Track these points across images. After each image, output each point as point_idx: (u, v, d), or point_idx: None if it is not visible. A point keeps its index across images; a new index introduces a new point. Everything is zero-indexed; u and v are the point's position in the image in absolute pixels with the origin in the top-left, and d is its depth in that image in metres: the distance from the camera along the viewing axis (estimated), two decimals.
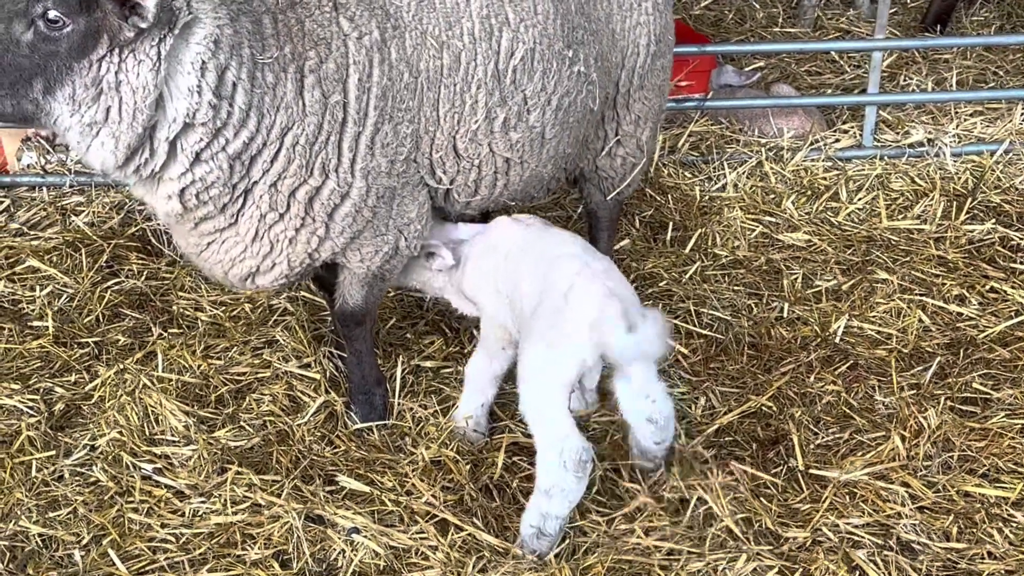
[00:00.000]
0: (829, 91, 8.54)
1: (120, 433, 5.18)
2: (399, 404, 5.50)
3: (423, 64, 4.91)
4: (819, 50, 8.78)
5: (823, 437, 5.34)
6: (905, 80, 8.58)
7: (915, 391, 5.57)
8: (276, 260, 4.95)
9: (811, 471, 5.10)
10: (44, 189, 6.96)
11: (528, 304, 4.80)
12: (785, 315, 6.18)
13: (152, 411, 5.31)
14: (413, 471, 5.05)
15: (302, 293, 6.13)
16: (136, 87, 4.30)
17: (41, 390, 5.52)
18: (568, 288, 4.61)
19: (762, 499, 4.93)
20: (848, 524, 4.81)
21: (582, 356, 4.54)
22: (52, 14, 4.17)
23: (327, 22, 4.73)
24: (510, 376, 5.14)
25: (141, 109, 4.33)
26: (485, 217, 5.75)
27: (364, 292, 5.24)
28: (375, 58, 4.78)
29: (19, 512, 4.82)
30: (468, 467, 5.11)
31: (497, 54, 5.06)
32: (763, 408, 5.48)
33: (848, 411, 5.48)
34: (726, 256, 6.70)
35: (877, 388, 5.63)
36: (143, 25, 4.23)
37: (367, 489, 4.93)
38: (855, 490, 4.99)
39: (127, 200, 6.87)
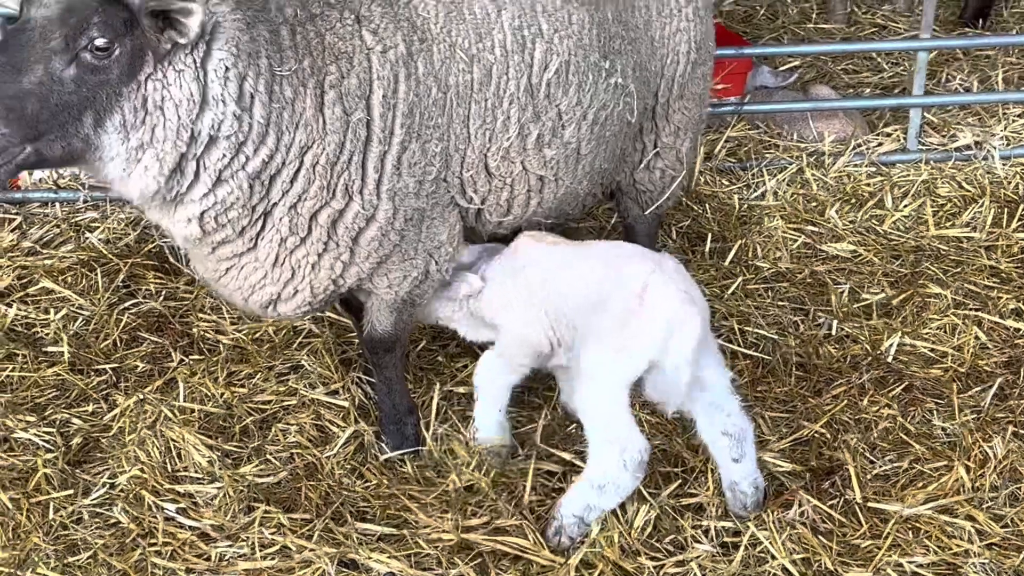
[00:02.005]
0: (867, 90, 8.24)
1: (141, 470, 4.91)
2: (432, 432, 5.23)
3: (452, 79, 4.65)
4: (863, 51, 8.50)
5: (880, 466, 5.07)
6: (947, 78, 8.28)
7: (976, 415, 5.28)
8: (298, 287, 4.69)
9: (869, 504, 4.82)
10: (57, 205, 6.70)
11: (584, 311, 4.74)
12: (833, 332, 5.89)
13: (174, 445, 5.04)
14: (446, 506, 4.80)
15: (327, 314, 5.86)
16: (180, 100, 4.09)
17: (57, 422, 5.27)
18: (642, 288, 4.56)
19: (820, 535, 4.66)
20: (912, 563, 4.54)
21: (654, 356, 4.53)
22: (100, 41, 3.96)
23: (349, 35, 4.47)
24: None
25: (185, 125, 4.12)
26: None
27: (393, 318, 4.98)
28: (401, 73, 4.52)
29: (36, 559, 4.56)
30: (504, 492, 4.88)
31: (530, 67, 4.81)
32: (815, 435, 5.20)
33: (905, 437, 5.20)
34: (768, 268, 6.42)
35: (935, 412, 5.35)
36: (181, 41, 4.03)
37: (401, 532, 4.66)
38: (918, 525, 4.72)
39: (143, 216, 6.58)
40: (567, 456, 5.10)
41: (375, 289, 4.84)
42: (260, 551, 4.56)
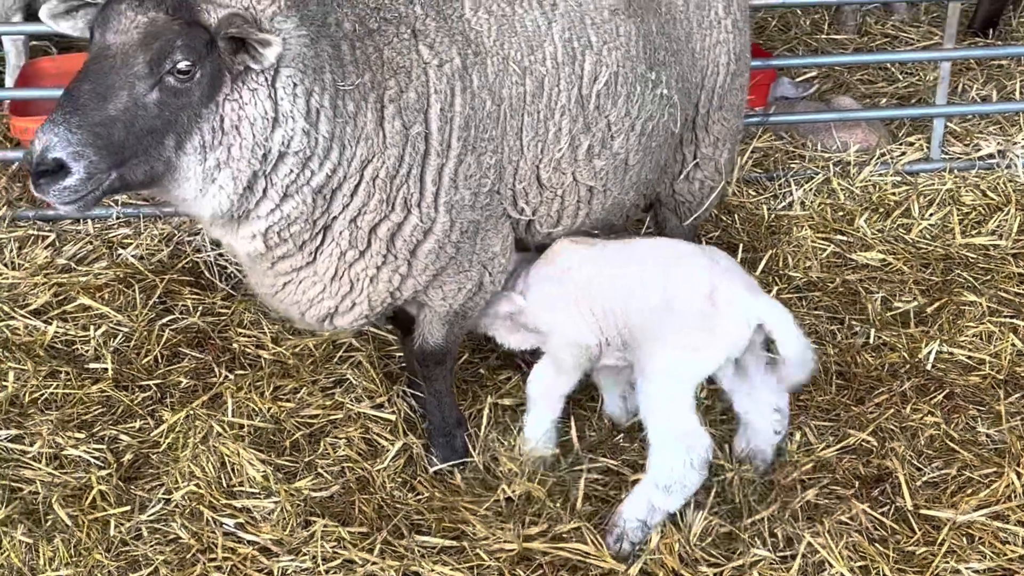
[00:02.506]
0: (883, 100, 8.29)
1: (197, 485, 4.91)
2: (481, 444, 5.25)
3: (506, 91, 4.68)
4: (886, 61, 8.54)
5: (928, 473, 5.10)
6: (963, 88, 8.33)
7: (1022, 421, 5.32)
8: (356, 300, 4.70)
9: (921, 511, 4.86)
10: (89, 221, 6.68)
11: (641, 307, 4.79)
12: (871, 341, 5.93)
13: (228, 460, 5.04)
14: (502, 517, 4.82)
15: (368, 328, 5.86)
16: (254, 119, 4.10)
17: (106, 438, 5.26)
18: (711, 290, 4.66)
19: (875, 543, 4.69)
20: (969, 569, 4.58)
21: (730, 355, 4.70)
22: (183, 65, 3.96)
23: (406, 50, 4.49)
24: None
25: (260, 143, 4.13)
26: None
27: (445, 331, 5.00)
28: (457, 86, 4.54)
29: (99, 575, 4.56)
30: (559, 500, 4.91)
31: (580, 79, 4.84)
32: (862, 443, 5.23)
33: (951, 444, 5.23)
34: (800, 278, 6.45)
35: (979, 419, 5.39)
36: (255, 66, 4.05)
37: (461, 544, 4.67)
38: (971, 531, 4.76)
39: (176, 232, 6.60)
40: (613, 464, 5.13)
41: (429, 301, 4.86)
42: (323, 564, 4.56)
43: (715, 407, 5.31)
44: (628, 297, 4.85)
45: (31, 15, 7.64)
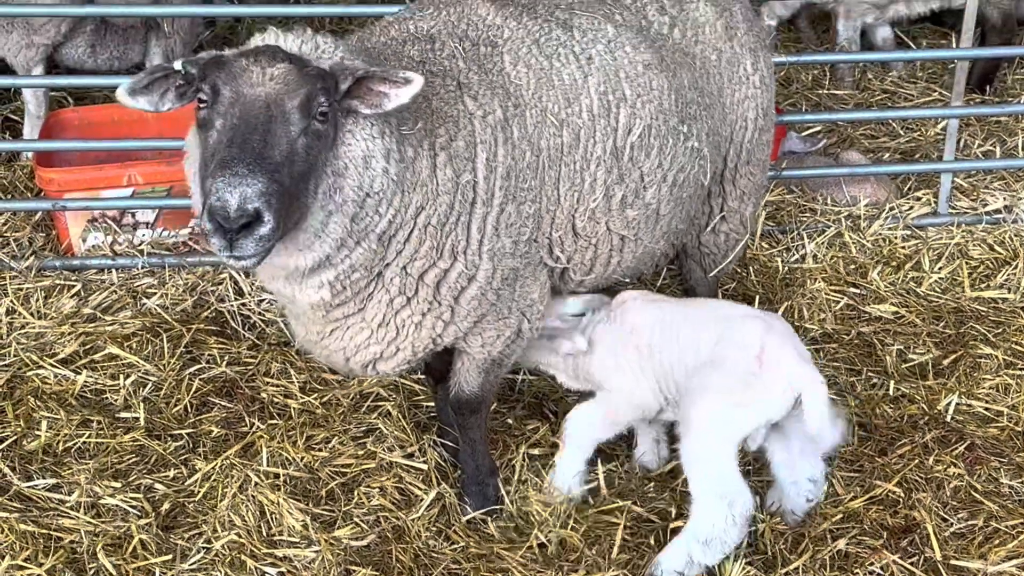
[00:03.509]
0: (887, 155, 8.43)
1: (237, 534, 4.94)
2: (513, 492, 5.31)
3: (544, 142, 4.79)
4: (894, 117, 8.71)
5: (955, 524, 5.18)
6: (964, 143, 8.48)
7: None
8: (400, 345, 4.77)
9: (951, 561, 4.94)
10: (114, 271, 6.73)
11: (693, 368, 4.93)
12: (890, 392, 6.03)
13: (267, 509, 5.07)
14: (538, 564, 4.87)
15: (398, 378, 5.92)
16: (356, 162, 4.20)
17: (142, 487, 5.29)
18: (760, 350, 4.78)
19: None
20: None
21: (770, 416, 4.81)
22: (324, 108, 4.06)
23: (453, 100, 4.61)
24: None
25: (360, 186, 4.20)
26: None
27: (481, 379, 5.07)
28: (499, 137, 4.65)
29: None
30: (595, 546, 4.98)
31: (615, 131, 4.95)
32: (888, 494, 5.31)
33: (975, 495, 5.32)
34: (816, 330, 6.55)
35: (1001, 470, 5.49)
36: (366, 112, 4.15)
37: None
38: None
39: (200, 281, 6.65)
40: (641, 510, 5.21)
41: (468, 348, 4.93)
42: None
43: (747, 455, 5.36)
44: (682, 355, 4.97)
45: (53, 66, 7.74)
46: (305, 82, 4.03)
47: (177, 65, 4.16)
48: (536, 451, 5.58)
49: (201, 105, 4.09)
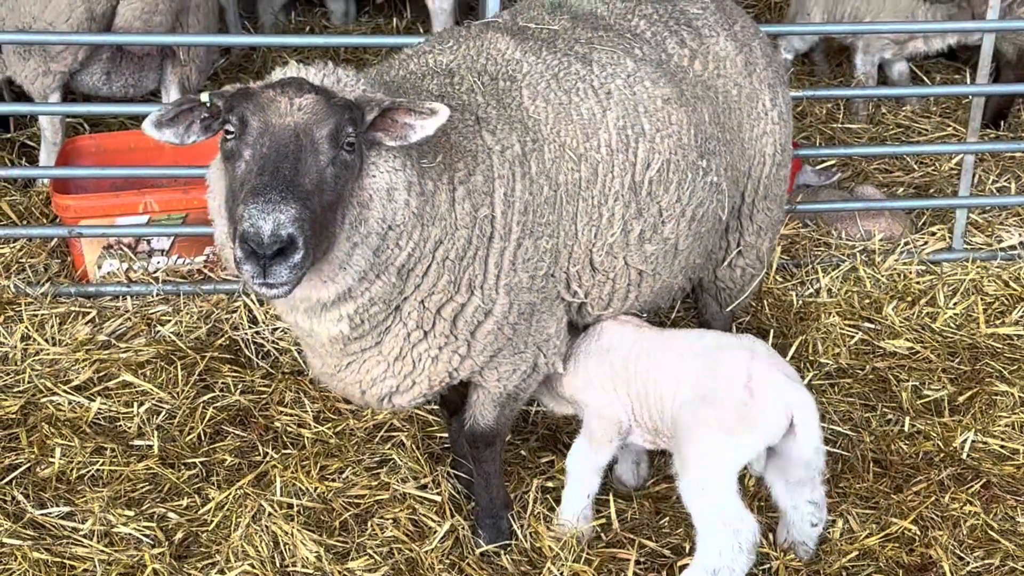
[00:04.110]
0: (900, 189, 8.43)
1: (251, 565, 4.93)
2: (526, 525, 5.29)
3: (562, 177, 4.79)
4: (911, 153, 8.70)
5: (971, 564, 5.16)
6: (978, 179, 8.48)
7: None
8: (416, 379, 4.76)
9: None
10: (128, 298, 6.73)
11: (677, 398, 4.90)
12: (905, 428, 6.01)
13: (281, 540, 5.06)
14: None
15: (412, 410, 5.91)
16: (381, 193, 4.21)
17: (155, 516, 5.28)
18: (747, 379, 4.77)
19: None
20: None
21: (770, 440, 4.78)
22: (352, 137, 4.07)
23: (471, 135, 4.60)
24: None
25: (384, 217, 4.21)
26: None
27: (497, 412, 5.06)
28: (517, 172, 4.65)
29: None
30: None
31: (634, 166, 4.95)
32: (904, 531, 5.29)
33: (992, 534, 5.30)
34: (830, 365, 6.54)
35: (1017, 508, 5.46)
36: (391, 143, 4.17)
37: None
38: None
39: (214, 309, 6.65)
40: (654, 545, 5.20)
41: (484, 382, 4.92)
42: None
43: (760, 494, 5.35)
44: (662, 385, 4.97)
45: (68, 92, 7.75)
46: (333, 112, 4.04)
47: (204, 97, 4.16)
48: (551, 483, 5.56)
49: (228, 136, 4.09)
